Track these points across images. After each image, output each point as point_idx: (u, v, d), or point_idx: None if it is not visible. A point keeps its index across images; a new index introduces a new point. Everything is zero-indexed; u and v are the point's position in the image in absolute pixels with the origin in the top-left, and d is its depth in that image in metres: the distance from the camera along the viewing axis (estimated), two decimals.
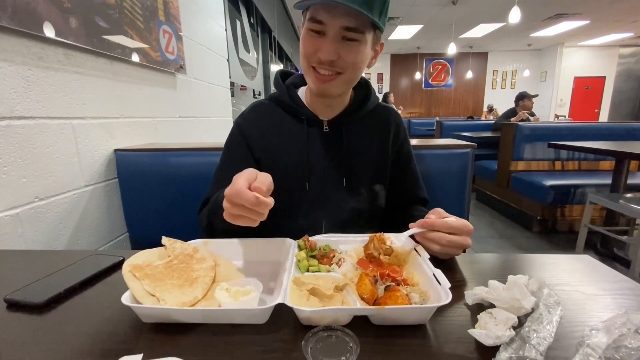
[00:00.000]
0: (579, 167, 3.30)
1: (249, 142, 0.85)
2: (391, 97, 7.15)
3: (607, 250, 2.52)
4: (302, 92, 0.89)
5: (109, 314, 0.50)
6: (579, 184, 2.87)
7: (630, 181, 2.47)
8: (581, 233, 2.32)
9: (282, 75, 0.91)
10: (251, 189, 0.49)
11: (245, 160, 0.85)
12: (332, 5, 0.64)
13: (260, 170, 0.84)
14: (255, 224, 0.52)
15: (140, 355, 0.34)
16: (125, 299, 0.45)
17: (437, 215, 0.62)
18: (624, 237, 2.17)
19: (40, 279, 0.59)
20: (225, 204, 0.52)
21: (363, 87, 0.89)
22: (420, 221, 0.61)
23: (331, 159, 0.84)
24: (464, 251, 0.66)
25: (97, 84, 1.13)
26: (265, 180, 0.52)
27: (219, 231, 0.69)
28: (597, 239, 2.56)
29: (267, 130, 0.85)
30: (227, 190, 0.51)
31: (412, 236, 0.62)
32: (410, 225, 0.63)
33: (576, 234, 2.38)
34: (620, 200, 2.04)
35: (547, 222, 3.00)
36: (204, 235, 0.80)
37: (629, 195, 2.16)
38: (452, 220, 0.60)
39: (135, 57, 1.28)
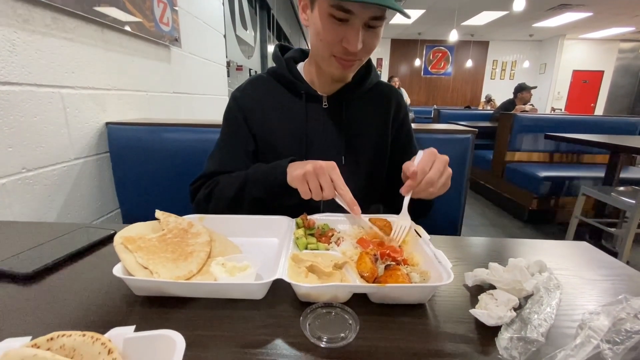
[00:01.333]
0: (573, 160, 3.33)
1: (246, 116, 0.82)
2: (395, 81, 6.52)
3: (595, 242, 2.57)
4: (300, 67, 0.86)
5: (100, 287, 0.48)
6: (572, 176, 2.90)
7: (622, 175, 2.50)
8: (571, 224, 2.35)
9: (281, 49, 0.87)
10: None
11: (243, 135, 0.82)
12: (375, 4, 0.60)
13: (257, 145, 0.83)
14: (309, 196, 0.61)
15: (133, 327, 0.32)
16: (117, 270, 0.43)
17: (409, 170, 0.60)
18: (613, 230, 2.20)
19: (28, 250, 0.57)
20: (308, 167, 0.60)
21: (364, 62, 0.85)
22: (403, 188, 0.61)
23: (330, 136, 0.82)
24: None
25: (87, 53, 1.07)
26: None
27: (247, 201, 0.72)
28: (585, 231, 2.60)
29: (265, 104, 0.83)
30: (322, 162, 0.61)
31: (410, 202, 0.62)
32: (401, 191, 0.61)
33: (565, 225, 2.41)
34: (612, 193, 2.06)
35: (538, 213, 3.04)
36: (199, 208, 0.78)
37: (621, 188, 2.18)
38: (421, 160, 0.60)
39: (127, 26, 1.22)
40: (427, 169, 0.59)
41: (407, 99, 6.45)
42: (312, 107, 0.82)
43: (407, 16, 0.66)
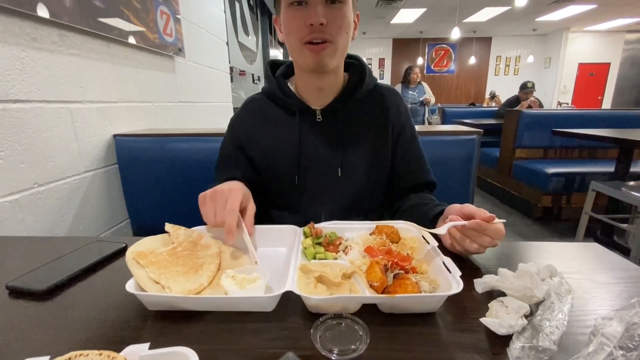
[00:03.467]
0: (581, 155, 3.28)
1: (242, 142, 0.84)
2: (416, 72, 4.61)
3: (607, 238, 2.53)
4: (292, 81, 0.85)
5: (113, 302, 0.49)
6: (581, 171, 2.86)
7: (632, 169, 2.46)
8: (582, 220, 2.32)
9: (273, 66, 0.87)
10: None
11: (238, 162, 0.84)
12: None
13: (255, 166, 0.84)
14: (208, 221, 0.61)
15: (147, 344, 0.33)
16: (130, 286, 0.44)
17: (477, 214, 0.56)
18: (625, 225, 2.17)
19: (42, 266, 0.58)
20: (208, 191, 0.62)
21: (357, 69, 0.83)
22: (474, 222, 0.55)
23: (325, 149, 0.81)
24: None
25: (94, 67, 1.09)
26: (251, 214, 0.64)
27: None
28: (597, 227, 2.56)
29: (260, 127, 0.83)
30: (224, 186, 0.62)
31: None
32: (451, 217, 0.58)
33: (577, 222, 2.38)
34: (623, 188, 2.03)
35: (548, 210, 3.00)
36: None
37: (631, 183, 2.15)
38: (499, 224, 0.55)
39: (132, 39, 1.24)
40: (496, 235, 0.55)
41: (432, 97, 4.67)
42: (306, 122, 0.81)
43: None
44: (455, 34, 6.48)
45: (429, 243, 0.56)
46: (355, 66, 0.83)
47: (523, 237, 2.74)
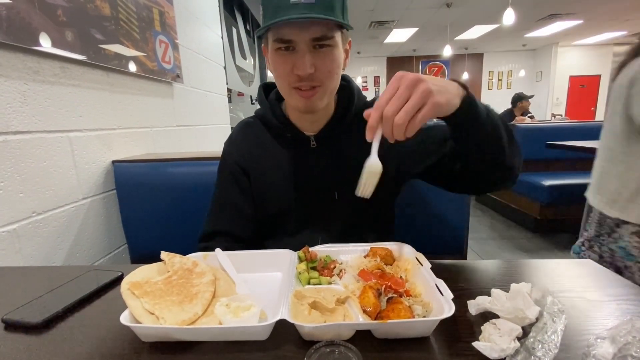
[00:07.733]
0: (577, 167, 3.31)
1: (240, 163, 0.83)
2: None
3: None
4: (285, 104, 0.84)
5: (108, 333, 0.49)
6: (578, 183, 2.87)
7: None
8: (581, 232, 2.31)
9: (266, 88, 0.86)
10: None
11: (239, 189, 0.83)
12: (295, 20, 0.61)
13: (252, 190, 0.83)
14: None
15: None
16: (124, 318, 0.44)
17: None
18: None
19: (38, 297, 0.58)
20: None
21: (346, 90, 0.82)
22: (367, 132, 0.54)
23: (321, 175, 0.80)
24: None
25: (94, 96, 1.12)
26: None
27: None
28: None
29: (255, 151, 0.83)
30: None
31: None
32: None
33: (576, 233, 2.37)
34: None
35: (547, 222, 3.00)
36: None
37: None
38: (381, 95, 0.52)
39: (131, 68, 1.28)
40: (383, 102, 0.51)
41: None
42: (300, 149, 0.81)
43: (349, 27, 0.68)
44: (447, 52, 6.65)
45: (422, 265, 0.57)
46: (344, 89, 0.82)
47: (525, 251, 2.72)
